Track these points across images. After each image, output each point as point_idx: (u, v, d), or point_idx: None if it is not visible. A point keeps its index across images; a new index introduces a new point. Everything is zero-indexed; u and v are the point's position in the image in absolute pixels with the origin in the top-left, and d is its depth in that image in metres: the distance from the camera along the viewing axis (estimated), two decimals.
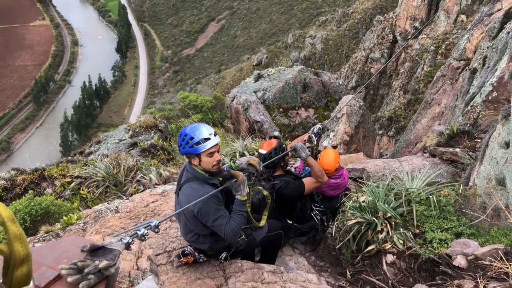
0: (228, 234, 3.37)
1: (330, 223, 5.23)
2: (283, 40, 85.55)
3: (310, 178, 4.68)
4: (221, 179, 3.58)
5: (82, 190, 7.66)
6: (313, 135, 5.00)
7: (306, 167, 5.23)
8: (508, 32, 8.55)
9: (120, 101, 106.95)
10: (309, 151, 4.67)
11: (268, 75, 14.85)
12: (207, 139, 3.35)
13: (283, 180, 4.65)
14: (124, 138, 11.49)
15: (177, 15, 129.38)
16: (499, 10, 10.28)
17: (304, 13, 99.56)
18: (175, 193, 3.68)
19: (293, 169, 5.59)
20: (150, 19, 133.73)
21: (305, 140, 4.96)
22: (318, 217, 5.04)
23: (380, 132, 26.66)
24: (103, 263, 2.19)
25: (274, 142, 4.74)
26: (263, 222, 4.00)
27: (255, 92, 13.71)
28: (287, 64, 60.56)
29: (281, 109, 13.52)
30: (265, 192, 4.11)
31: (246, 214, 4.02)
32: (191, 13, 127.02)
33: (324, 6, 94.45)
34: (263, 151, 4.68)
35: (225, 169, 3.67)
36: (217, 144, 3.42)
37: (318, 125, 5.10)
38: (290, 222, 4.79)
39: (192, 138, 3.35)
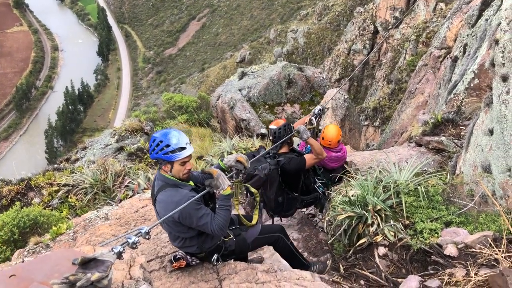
0: (215, 230, 3.38)
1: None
2: (265, 35, 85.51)
3: (311, 154, 5.28)
4: (193, 184, 3.58)
5: (70, 198, 7.59)
6: (313, 118, 5.69)
7: (308, 146, 5.85)
8: (487, 20, 8.64)
9: (104, 105, 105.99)
10: (310, 131, 5.26)
11: (252, 72, 14.82)
12: (183, 148, 3.35)
13: (287, 157, 5.21)
14: (110, 143, 11.40)
15: (157, 15, 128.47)
16: None
17: (285, 7, 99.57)
18: (152, 204, 3.65)
19: (296, 146, 6.04)
20: (130, 21, 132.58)
21: (306, 122, 5.60)
22: (321, 189, 5.68)
23: (366, 123, 26.85)
24: (95, 276, 2.16)
25: (281, 121, 5.33)
26: (254, 221, 4.00)
27: (240, 90, 13.68)
28: (271, 59, 60.58)
29: (266, 106, 13.52)
30: (253, 189, 4.11)
31: (236, 214, 4.02)
32: (171, 12, 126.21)
33: (304, 0, 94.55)
34: (273, 127, 5.26)
35: (199, 172, 3.74)
36: (191, 154, 3.44)
37: (318, 107, 5.83)
38: (296, 194, 5.42)
39: (168, 145, 3.32)
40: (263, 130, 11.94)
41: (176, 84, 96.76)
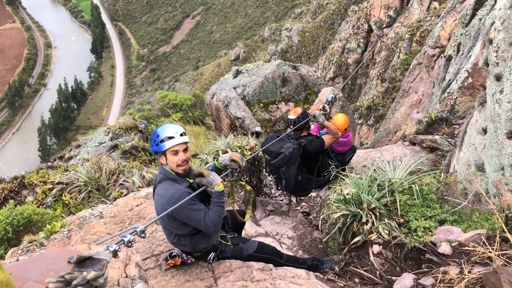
0: (209, 225, 3.39)
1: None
2: (260, 34, 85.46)
3: (327, 135, 6.03)
4: (192, 180, 3.59)
5: (64, 196, 7.53)
6: (326, 105, 6.40)
7: (321, 131, 6.67)
8: (480, 19, 8.70)
9: (97, 102, 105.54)
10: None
11: (247, 70, 14.81)
12: (171, 137, 3.39)
13: (308, 139, 5.93)
14: (104, 140, 11.34)
15: (151, 12, 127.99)
16: None
17: (279, 6, 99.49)
18: (153, 196, 3.69)
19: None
20: (124, 18, 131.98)
21: (320, 109, 6.22)
22: (334, 170, 6.21)
23: (360, 121, 26.94)
24: (91, 274, 2.16)
25: (299, 110, 5.98)
26: (247, 217, 4.03)
27: (234, 88, 13.66)
28: (265, 57, 60.53)
29: (261, 104, 13.52)
30: (248, 187, 4.12)
31: (230, 210, 4.02)
32: (166, 10, 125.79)
33: None
34: (292, 117, 5.94)
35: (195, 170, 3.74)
36: (182, 143, 3.43)
37: (331, 95, 6.66)
38: (312, 176, 6.15)
39: (158, 136, 3.42)
40: (258, 129, 11.94)
41: (170, 82, 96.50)
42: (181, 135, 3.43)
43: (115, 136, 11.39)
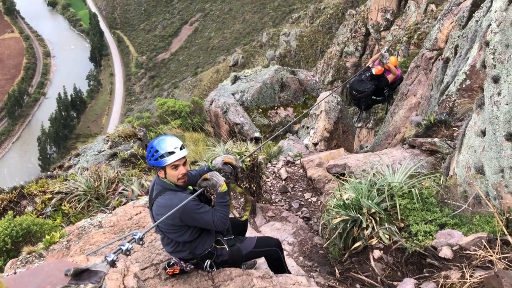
0: (218, 223, 3.47)
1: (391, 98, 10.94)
2: (258, 39, 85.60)
3: (390, 75, 9.80)
4: (191, 188, 3.61)
5: (64, 205, 7.50)
6: (384, 53, 9.89)
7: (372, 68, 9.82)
8: (477, 21, 8.70)
9: (97, 110, 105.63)
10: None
11: (245, 76, 14.83)
12: (172, 152, 3.38)
13: (380, 79, 9.64)
14: (103, 149, 11.32)
15: (149, 20, 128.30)
16: None
17: (277, 11, 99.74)
18: (148, 208, 3.67)
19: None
20: (122, 26, 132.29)
21: (380, 54, 9.93)
22: (387, 93, 10.00)
23: (359, 124, 26.89)
24: (88, 287, 2.14)
25: (381, 68, 9.58)
26: (245, 217, 4.04)
27: (233, 94, 13.68)
28: (263, 62, 60.65)
29: (260, 110, 13.52)
30: (238, 189, 4.10)
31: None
32: (163, 17, 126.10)
33: (296, 3, 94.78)
34: (373, 71, 9.62)
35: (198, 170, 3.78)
36: (182, 157, 3.43)
37: (385, 47, 10.15)
38: (375, 98, 9.94)
39: (157, 151, 3.39)
40: (257, 134, 11.93)
41: (169, 88, 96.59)
42: (181, 148, 3.43)
43: (114, 144, 11.38)
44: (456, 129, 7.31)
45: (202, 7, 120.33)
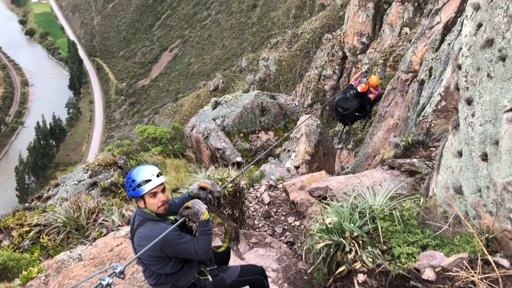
0: (200, 253, 3.40)
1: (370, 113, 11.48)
2: (237, 64, 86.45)
3: (372, 94, 10.42)
4: (173, 218, 3.56)
5: (42, 238, 7.31)
6: (366, 71, 11.09)
7: (357, 86, 10.49)
8: (449, 44, 8.98)
9: (77, 138, 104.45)
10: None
11: (226, 101, 14.92)
12: (148, 180, 3.35)
13: (363, 98, 10.33)
14: (83, 178, 11.15)
15: (129, 47, 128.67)
16: (438, 23, 10.82)
17: (256, 36, 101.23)
18: (129, 238, 3.61)
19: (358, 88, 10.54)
20: (102, 53, 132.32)
21: (362, 73, 11.08)
22: (368, 109, 10.77)
23: (340, 146, 27.15)
24: None
25: (364, 86, 10.17)
26: (223, 248, 3.98)
27: (214, 119, 13.71)
28: (244, 87, 61.21)
29: (241, 134, 13.56)
30: (218, 219, 4.07)
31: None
32: (143, 44, 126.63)
33: (274, 28, 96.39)
34: (358, 89, 10.31)
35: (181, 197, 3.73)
36: (160, 184, 3.41)
37: (366, 67, 11.20)
38: (358, 114, 10.66)
39: (133, 180, 3.37)
40: (239, 159, 11.93)
41: (150, 114, 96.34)
42: (158, 175, 3.41)
43: (94, 173, 11.22)
44: (434, 149, 7.44)
45: (181, 34, 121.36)
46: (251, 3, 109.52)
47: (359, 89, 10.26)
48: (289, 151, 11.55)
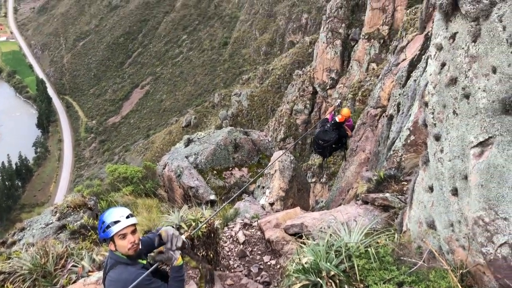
0: None
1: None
2: (210, 99, 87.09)
3: (349, 130, 11.07)
4: (145, 261, 3.50)
5: (7, 287, 6.96)
6: (337, 106, 11.80)
7: (334, 117, 10.99)
8: (415, 80, 9.31)
9: (44, 178, 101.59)
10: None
11: (198, 138, 14.88)
12: (117, 221, 3.32)
13: (342, 131, 10.72)
14: (51, 221, 10.77)
15: (99, 84, 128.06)
16: (404, 60, 11.25)
17: (227, 73, 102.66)
18: (101, 282, 3.52)
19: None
20: (72, 91, 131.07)
21: (335, 108, 11.65)
22: (344, 141, 11.05)
23: (313, 180, 27.35)
24: None
25: (343, 117, 10.56)
26: None
27: (186, 157, 13.61)
28: (216, 122, 61.45)
29: (215, 171, 13.48)
30: (193, 263, 3.99)
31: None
32: (114, 81, 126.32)
33: (246, 65, 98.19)
34: (336, 120, 10.62)
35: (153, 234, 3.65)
36: (129, 225, 3.35)
37: (338, 101, 12.66)
38: (335, 146, 11.01)
39: (103, 222, 3.35)
40: (213, 197, 11.79)
41: (121, 152, 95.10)
42: (127, 217, 3.36)
43: (62, 215, 10.86)
44: (406, 183, 7.56)
45: (153, 71, 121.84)
46: (222, 40, 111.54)
47: (337, 119, 10.70)
48: (263, 187, 11.52)
